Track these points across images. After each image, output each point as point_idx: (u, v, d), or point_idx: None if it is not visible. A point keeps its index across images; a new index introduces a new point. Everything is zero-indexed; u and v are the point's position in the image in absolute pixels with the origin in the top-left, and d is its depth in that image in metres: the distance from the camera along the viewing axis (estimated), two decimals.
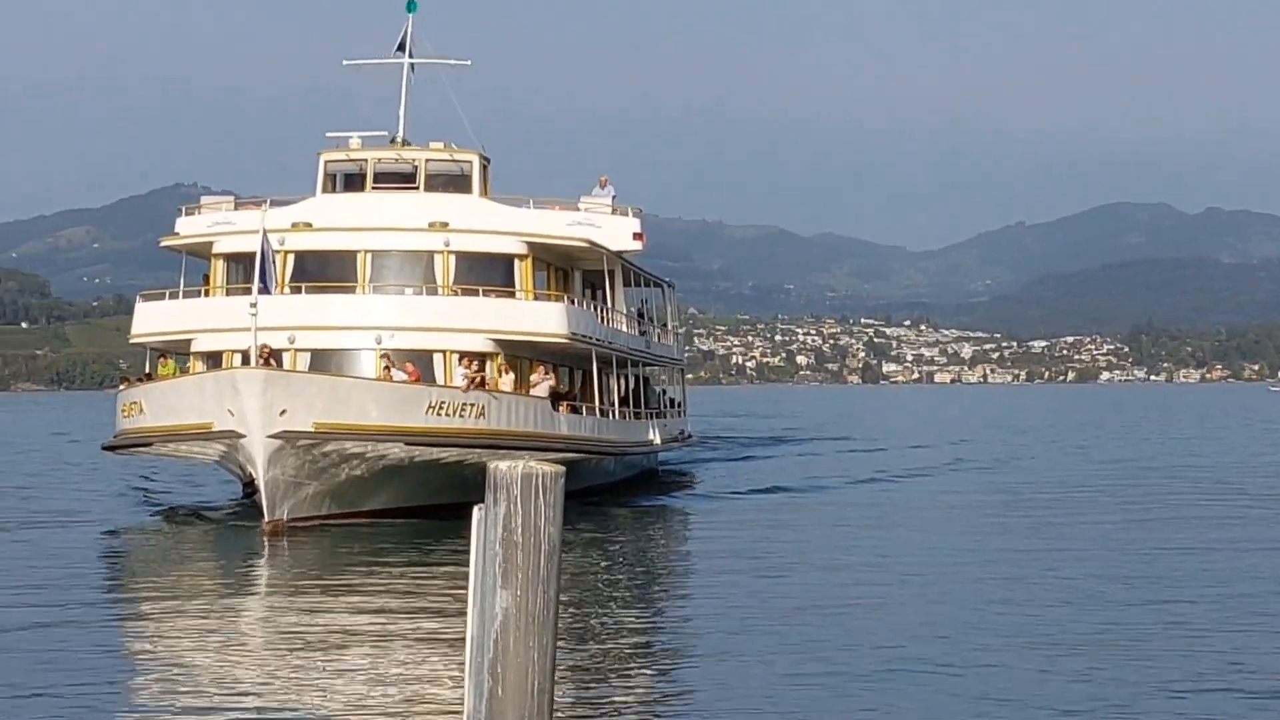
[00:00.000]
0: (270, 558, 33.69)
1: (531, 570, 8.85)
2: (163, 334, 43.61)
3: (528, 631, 8.86)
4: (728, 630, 22.94)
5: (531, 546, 8.83)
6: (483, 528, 9.00)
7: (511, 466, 8.89)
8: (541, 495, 8.85)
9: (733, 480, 53.79)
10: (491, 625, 8.87)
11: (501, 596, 8.85)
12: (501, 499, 8.85)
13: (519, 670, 8.87)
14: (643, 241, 49.50)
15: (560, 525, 8.92)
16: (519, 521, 8.83)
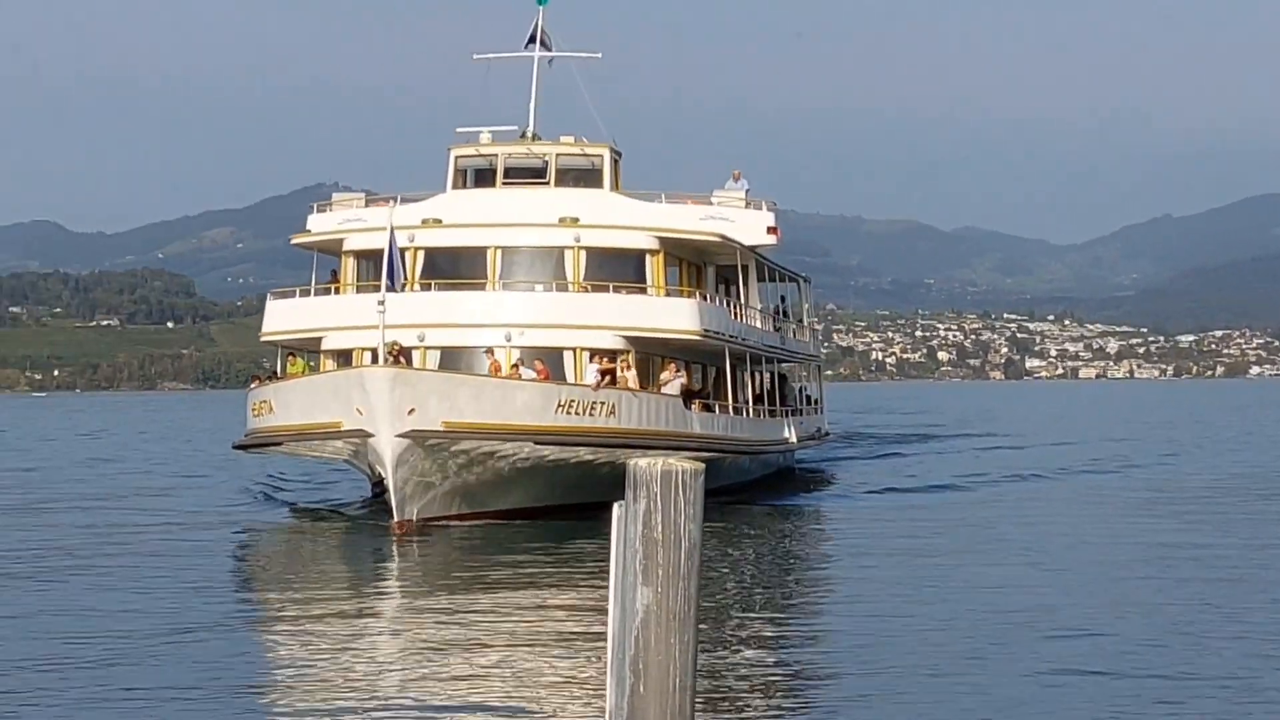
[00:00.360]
0: (400, 558, 33.37)
1: (672, 567, 8.84)
2: (293, 332, 43.39)
3: (669, 628, 8.84)
4: (866, 630, 22.56)
5: (672, 544, 8.84)
6: (623, 525, 8.99)
7: (651, 464, 8.87)
8: (681, 492, 8.84)
9: (871, 478, 52.77)
10: (632, 622, 8.87)
11: (642, 593, 8.85)
12: (641, 496, 8.84)
13: (660, 667, 8.85)
14: (777, 236, 48.58)
15: (700, 522, 8.88)
16: (659, 519, 8.82)
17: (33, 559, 31.89)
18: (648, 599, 8.83)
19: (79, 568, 30.41)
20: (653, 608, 8.82)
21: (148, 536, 36.23)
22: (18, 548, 33.99)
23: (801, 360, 59.25)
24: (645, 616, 8.83)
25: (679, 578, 8.83)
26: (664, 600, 8.83)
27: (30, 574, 29.58)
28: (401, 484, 36.13)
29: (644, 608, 8.84)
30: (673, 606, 8.84)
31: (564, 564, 30.75)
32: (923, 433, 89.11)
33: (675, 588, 8.83)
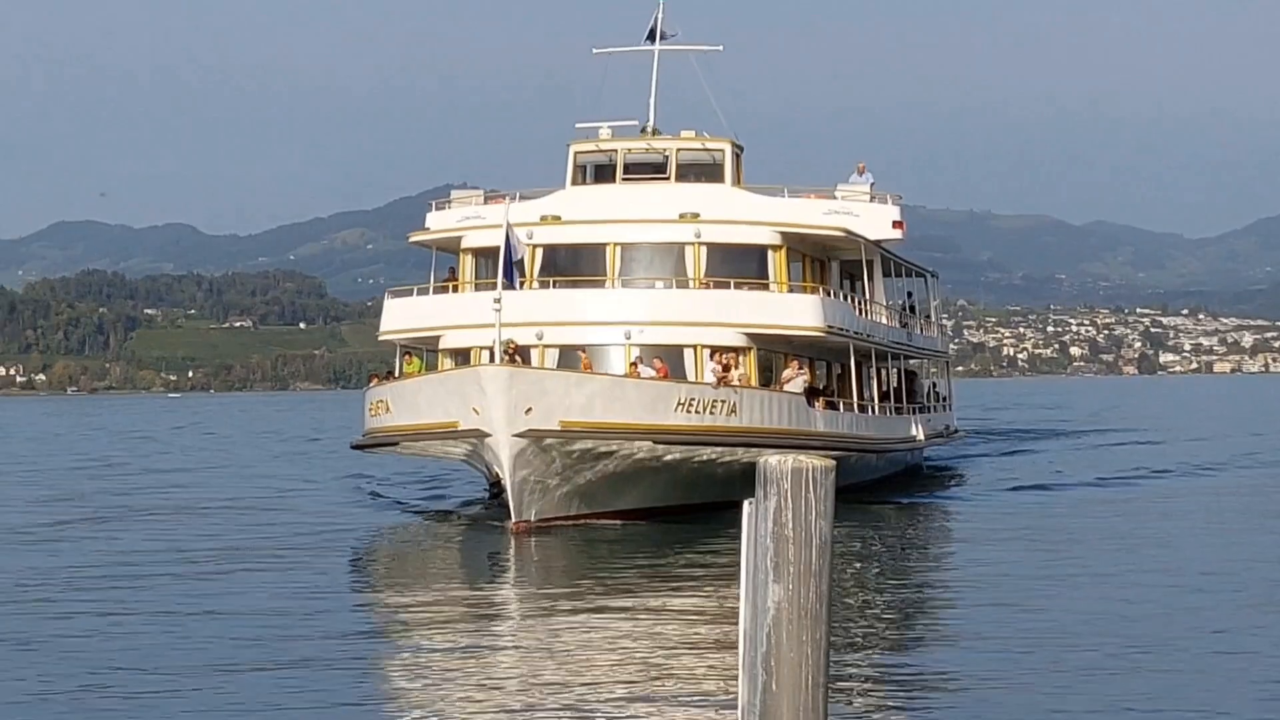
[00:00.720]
0: (518, 559, 32.87)
1: (803, 564, 8.82)
2: (411, 331, 42.97)
3: (800, 626, 8.81)
4: (996, 629, 22.18)
5: (802, 541, 8.81)
6: (753, 522, 8.96)
7: (781, 461, 8.84)
8: (812, 489, 8.82)
9: (1002, 476, 51.70)
10: (764, 619, 8.86)
11: (773, 591, 8.83)
12: (772, 493, 8.82)
13: (793, 664, 8.82)
14: (902, 230, 47.55)
15: (831, 519, 8.85)
16: (789, 516, 8.79)
17: (159, 563, 31.45)
18: (779, 596, 8.81)
19: (200, 573, 29.93)
20: (784, 605, 8.81)
21: (266, 544, 35.91)
22: (148, 552, 33.68)
23: (929, 356, 58.15)
24: (777, 614, 8.81)
25: (810, 575, 8.83)
26: (795, 597, 8.81)
27: (159, 576, 29.29)
28: (519, 484, 35.57)
29: (775, 605, 8.82)
30: (804, 603, 8.82)
31: (685, 565, 30.20)
32: (1055, 429, 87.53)
33: (807, 585, 8.83)
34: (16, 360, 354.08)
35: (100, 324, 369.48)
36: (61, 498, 48.98)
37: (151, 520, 40.48)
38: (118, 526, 39.03)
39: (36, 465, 70.99)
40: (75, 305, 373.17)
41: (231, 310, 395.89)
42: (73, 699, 18.17)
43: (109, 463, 71.17)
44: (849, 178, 48.25)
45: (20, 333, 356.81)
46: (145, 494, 49.99)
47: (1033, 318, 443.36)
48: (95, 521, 40.31)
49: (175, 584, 28.18)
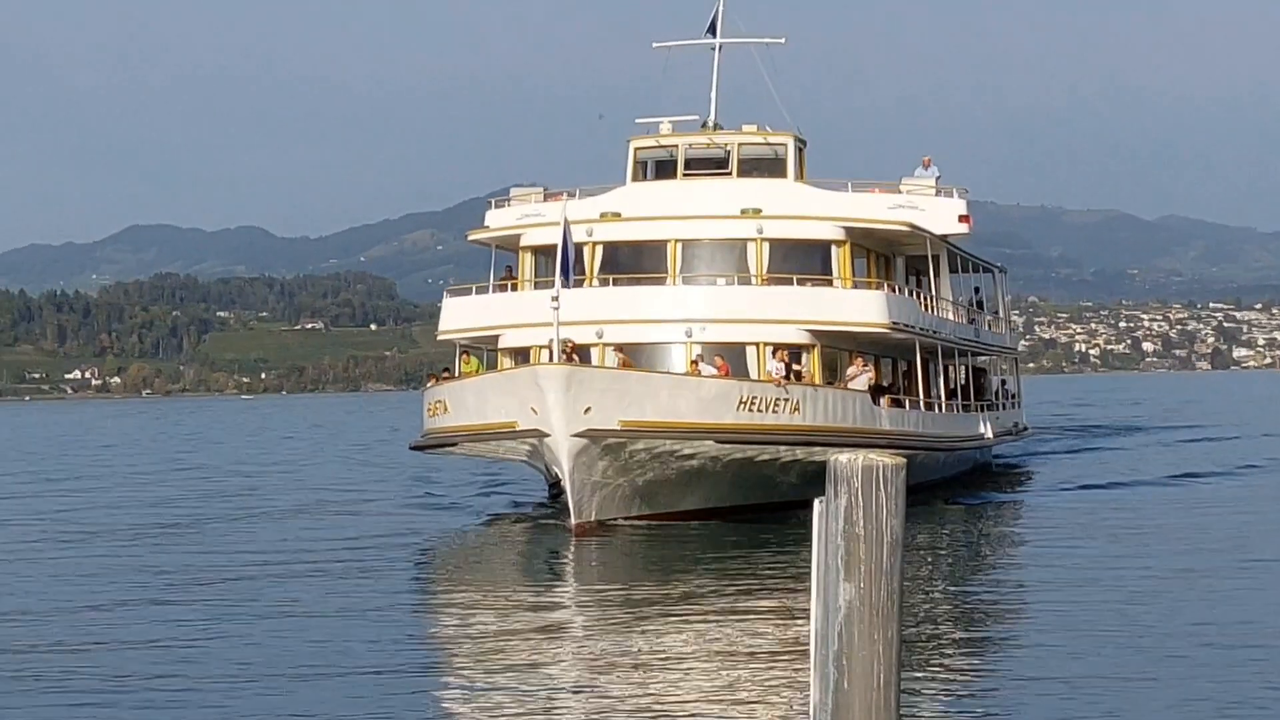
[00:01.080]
0: (579, 561, 32.37)
1: (874, 563, 8.82)
2: (470, 330, 42.45)
3: (872, 624, 8.82)
4: (1065, 630, 21.84)
5: (874, 539, 8.81)
6: (824, 521, 8.99)
7: (852, 459, 8.86)
8: (883, 487, 8.81)
9: (1072, 474, 50.76)
10: (835, 618, 8.87)
11: (844, 589, 8.84)
12: (843, 492, 8.83)
13: (864, 662, 8.83)
14: (969, 224, 46.67)
15: (902, 518, 8.86)
16: (860, 514, 8.80)
17: (230, 567, 31.19)
18: (850, 594, 8.83)
19: (263, 576, 29.64)
20: (855, 603, 8.82)
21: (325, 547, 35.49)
22: (221, 557, 33.41)
23: (998, 353, 57.16)
24: (848, 612, 8.83)
25: (881, 573, 8.82)
26: (867, 595, 8.82)
27: (229, 580, 29.18)
28: (579, 485, 34.98)
29: (846, 603, 8.83)
30: (876, 601, 8.83)
31: (749, 566, 29.57)
32: (1127, 425, 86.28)
33: (878, 583, 8.83)
34: (92, 363, 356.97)
35: (174, 327, 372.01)
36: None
37: (227, 526, 40.20)
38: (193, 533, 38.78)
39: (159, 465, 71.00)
40: (149, 309, 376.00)
41: (303, 312, 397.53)
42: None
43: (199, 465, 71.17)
44: (914, 171, 47.43)
45: (95, 336, 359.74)
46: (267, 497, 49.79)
47: (1105, 313, 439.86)
48: (180, 527, 39.97)
49: (243, 588, 28.06)
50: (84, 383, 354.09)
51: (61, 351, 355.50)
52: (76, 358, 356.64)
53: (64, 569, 31.22)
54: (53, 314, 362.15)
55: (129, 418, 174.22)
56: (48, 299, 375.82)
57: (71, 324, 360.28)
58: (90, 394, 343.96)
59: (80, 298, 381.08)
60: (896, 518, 8.85)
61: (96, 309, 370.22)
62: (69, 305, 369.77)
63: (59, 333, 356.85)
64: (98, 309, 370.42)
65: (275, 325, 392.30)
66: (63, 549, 35.13)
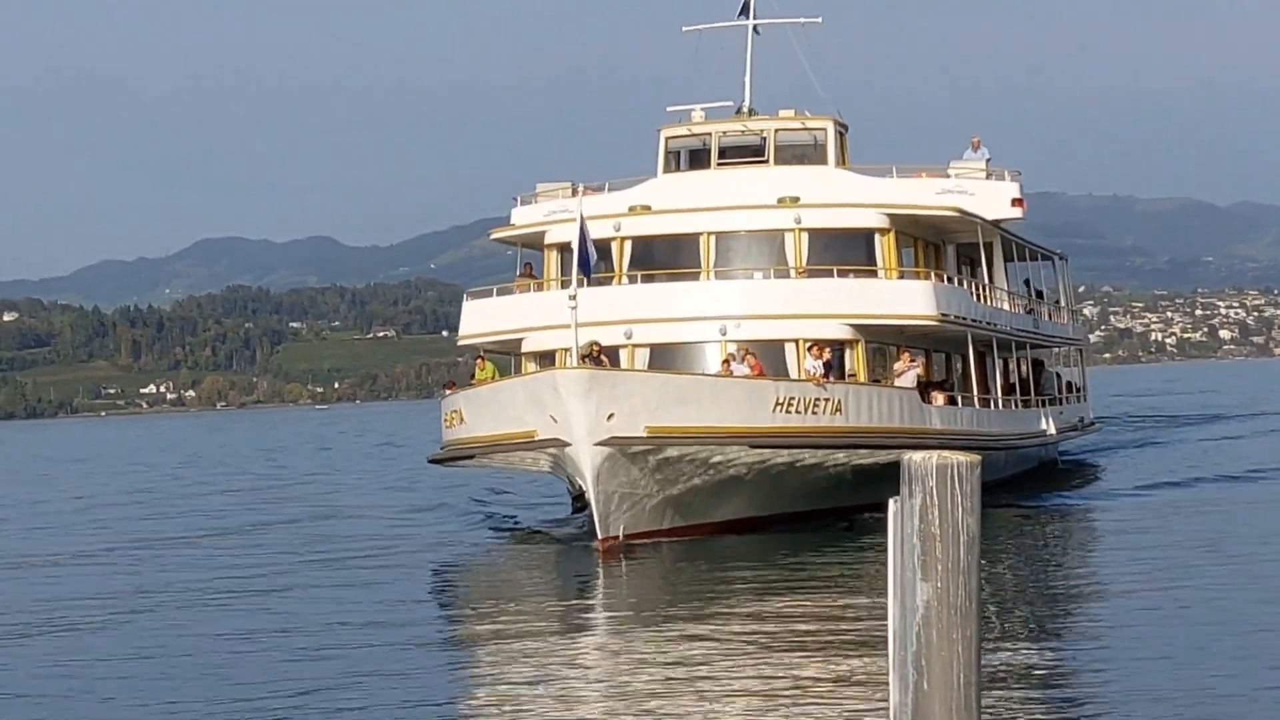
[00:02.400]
0: (606, 581, 29.83)
1: (951, 562, 8.66)
2: (492, 334, 39.79)
3: (950, 624, 8.65)
4: (1142, 629, 21.35)
5: (950, 538, 8.66)
6: (899, 521, 8.84)
7: (926, 458, 8.68)
8: (958, 485, 8.63)
9: (1142, 471, 47.96)
10: (913, 618, 8.72)
11: (922, 589, 8.69)
12: (917, 491, 8.67)
13: (944, 663, 8.66)
14: (1023, 208, 43.69)
15: (979, 515, 8.66)
16: (936, 513, 8.65)
17: (241, 578, 30.86)
18: (928, 594, 8.68)
19: (285, 587, 29.19)
20: (933, 603, 8.67)
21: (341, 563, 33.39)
22: (232, 566, 32.99)
23: (1060, 344, 54.00)
24: (926, 612, 8.69)
25: (959, 572, 8.66)
26: (944, 595, 8.66)
27: (240, 592, 28.89)
28: (605, 497, 32.39)
29: (924, 603, 8.69)
30: (953, 601, 8.66)
31: (794, 581, 27.30)
32: (1204, 414, 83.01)
33: (955, 582, 8.66)
34: (167, 377, 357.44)
35: (247, 339, 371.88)
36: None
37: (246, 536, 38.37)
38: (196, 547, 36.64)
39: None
40: (222, 321, 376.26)
41: (375, 320, 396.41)
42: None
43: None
44: (963, 154, 44.52)
45: (169, 350, 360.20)
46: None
47: (1180, 301, 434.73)
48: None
49: (244, 599, 27.71)
50: (159, 397, 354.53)
51: (136, 366, 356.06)
52: (151, 372, 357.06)
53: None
54: (126, 329, 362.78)
55: (219, 432, 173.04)
56: (121, 314, 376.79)
57: (145, 339, 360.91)
58: (166, 408, 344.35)
59: (153, 312, 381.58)
60: (972, 515, 8.65)
61: (170, 323, 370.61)
62: (142, 320, 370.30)
63: (133, 348, 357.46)
64: (171, 323, 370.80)
65: (347, 334, 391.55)
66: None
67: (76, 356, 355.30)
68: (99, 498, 60.10)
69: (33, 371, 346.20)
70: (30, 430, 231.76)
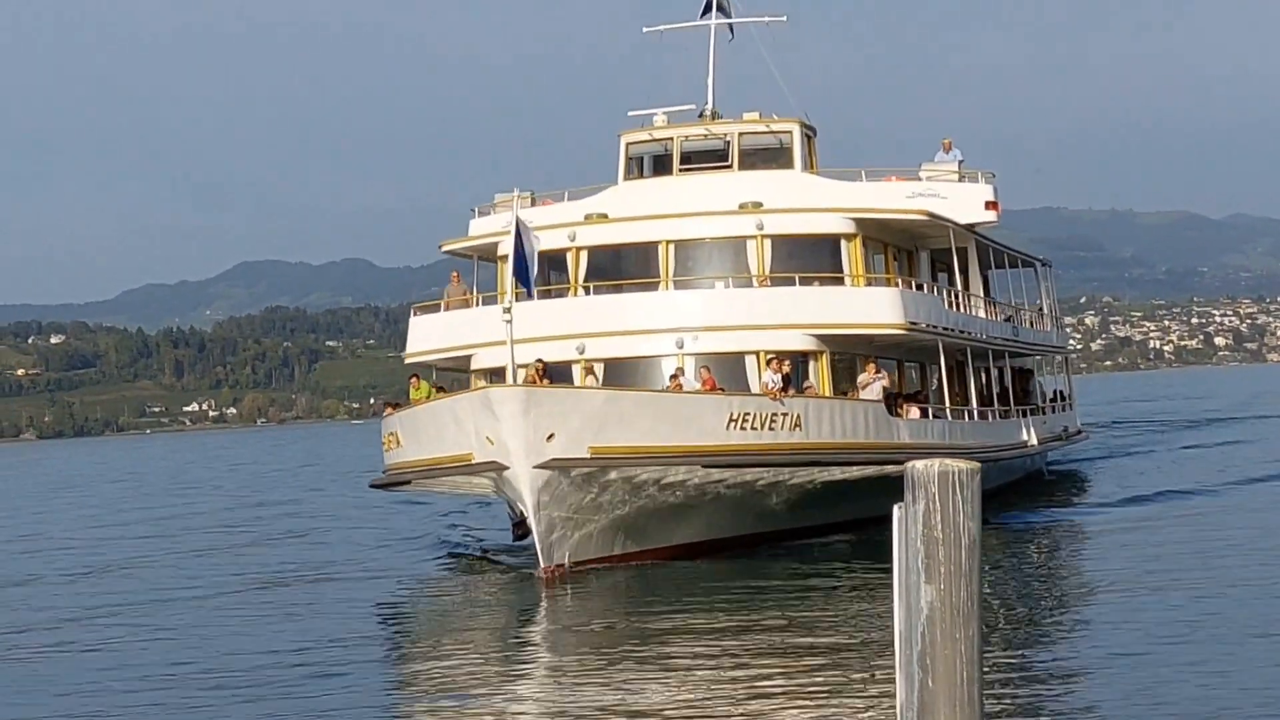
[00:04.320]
0: (549, 614, 26.30)
1: (953, 565, 8.56)
2: (440, 351, 36.04)
3: (953, 624, 8.57)
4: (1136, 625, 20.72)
5: (952, 542, 8.56)
6: (903, 526, 8.73)
7: (928, 465, 8.63)
8: (959, 491, 8.59)
9: (1129, 482, 44.41)
10: (918, 619, 8.65)
11: (926, 591, 8.61)
12: (920, 497, 8.60)
13: (947, 661, 8.59)
14: (997, 211, 39.90)
15: (979, 520, 8.59)
16: (938, 518, 8.56)
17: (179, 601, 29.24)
18: (931, 596, 8.60)
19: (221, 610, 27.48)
20: (936, 604, 8.60)
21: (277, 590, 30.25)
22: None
23: (1042, 352, 50.05)
24: (930, 613, 8.61)
25: (961, 574, 8.58)
26: (947, 596, 8.58)
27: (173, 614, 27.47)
28: (547, 523, 28.76)
29: (928, 605, 8.62)
30: (956, 602, 8.58)
31: (754, 610, 24.07)
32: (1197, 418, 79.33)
33: (958, 584, 8.59)
34: (208, 396, 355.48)
35: (285, 357, 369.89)
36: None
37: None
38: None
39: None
40: (261, 341, 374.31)
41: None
42: None
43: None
44: (934, 156, 40.74)
45: (210, 369, 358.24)
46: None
47: (1177, 310, 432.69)
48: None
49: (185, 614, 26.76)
50: (201, 415, 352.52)
51: (179, 385, 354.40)
52: (194, 391, 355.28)
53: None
54: (170, 350, 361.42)
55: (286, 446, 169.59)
56: (164, 336, 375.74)
57: (188, 358, 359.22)
58: (208, 425, 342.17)
59: (195, 333, 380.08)
60: (973, 520, 8.60)
61: (211, 343, 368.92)
62: (185, 341, 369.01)
63: (176, 367, 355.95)
64: (212, 343, 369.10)
65: (382, 352, 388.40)
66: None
67: (121, 377, 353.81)
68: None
69: (79, 392, 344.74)
70: (103, 447, 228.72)
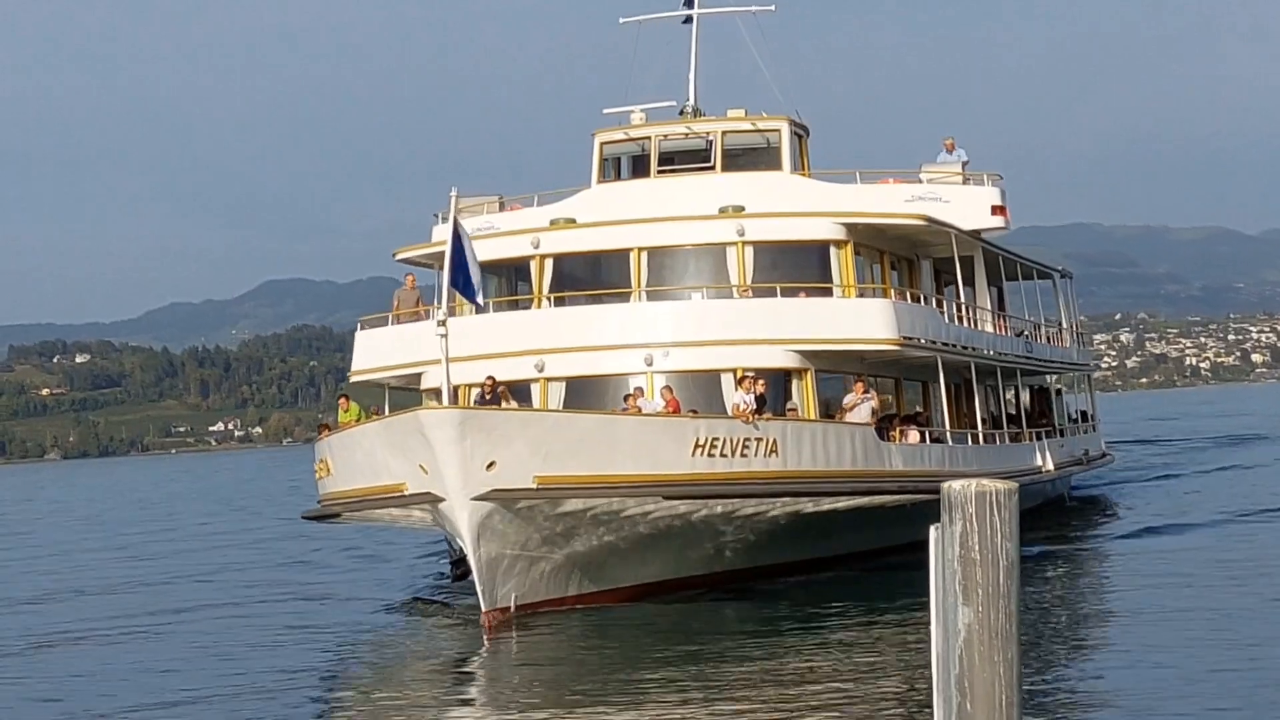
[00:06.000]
0: (490, 665, 23.41)
1: (991, 586, 8.41)
2: (387, 369, 32.94)
3: (991, 646, 8.44)
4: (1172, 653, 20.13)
5: (989, 563, 8.40)
6: (940, 547, 8.61)
7: (965, 485, 8.43)
8: (997, 512, 8.40)
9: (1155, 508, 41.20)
10: (955, 641, 8.50)
11: (963, 613, 8.46)
12: (957, 518, 8.43)
13: (986, 684, 8.44)
14: (1005, 217, 36.53)
15: (1017, 541, 8.43)
16: (975, 539, 8.40)
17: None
18: (969, 618, 8.45)
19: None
20: (974, 626, 8.45)
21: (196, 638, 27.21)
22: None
23: (1059, 370, 46.48)
24: (968, 635, 8.45)
25: (999, 596, 8.42)
26: (985, 619, 8.42)
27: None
28: (488, 562, 25.60)
29: (966, 627, 8.46)
30: (994, 624, 8.42)
31: (724, 659, 21.67)
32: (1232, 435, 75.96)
33: (996, 606, 8.42)
34: (234, 415, 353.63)
35: (311, 376, 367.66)
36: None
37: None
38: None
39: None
40: (287, 360, 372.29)
41: None
42: None
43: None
44: (936, 157, 37.44)
45: (236, 389, 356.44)
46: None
47: (1213, 327, 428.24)
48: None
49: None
50: (227, 434, 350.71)
51: (205, 405, 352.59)
52: (219, 410, 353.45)
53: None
54: (195, 369, 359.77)
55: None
56: (190, 355, 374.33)
57: (213, 378, 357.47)
58: (234, 445, 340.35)
59: (221, 352, 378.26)
60: (1011, 541, 8.41)
61: (236, 362, 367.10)
62: (210, 360, 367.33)
63: (201, 387, 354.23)
64: (238, 362, 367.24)
65: None
66: None
67: (147, 396, 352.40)
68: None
69: (104, 411, 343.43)
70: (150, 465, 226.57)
